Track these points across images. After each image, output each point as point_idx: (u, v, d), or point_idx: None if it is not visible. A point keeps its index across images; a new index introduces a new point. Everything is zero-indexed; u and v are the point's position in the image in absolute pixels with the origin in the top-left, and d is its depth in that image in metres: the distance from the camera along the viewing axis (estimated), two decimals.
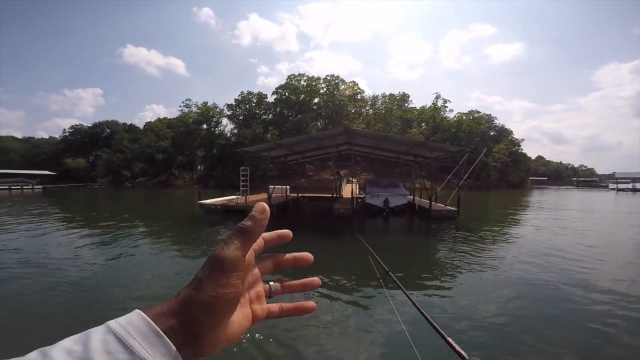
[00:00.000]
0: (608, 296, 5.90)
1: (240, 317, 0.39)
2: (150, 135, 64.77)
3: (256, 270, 0.44)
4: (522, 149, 64.67)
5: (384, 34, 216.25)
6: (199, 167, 61.63)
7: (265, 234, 0.44)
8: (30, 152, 74.36)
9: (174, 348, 0.31)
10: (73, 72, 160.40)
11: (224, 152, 55.37)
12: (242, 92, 66.06)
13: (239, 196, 19.27)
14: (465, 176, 16.94)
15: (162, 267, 7.56)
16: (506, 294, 6.05)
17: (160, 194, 39.59)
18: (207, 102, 65.84)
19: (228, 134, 64.51)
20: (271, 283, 0.45)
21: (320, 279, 0.43)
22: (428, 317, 1.65)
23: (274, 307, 0.44)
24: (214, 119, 65.12)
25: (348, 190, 26.74)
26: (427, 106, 64.33)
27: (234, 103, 65.17)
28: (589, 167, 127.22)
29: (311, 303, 0.45)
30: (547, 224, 15.70)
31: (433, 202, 17.04)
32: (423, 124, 61.48)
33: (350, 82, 65.35)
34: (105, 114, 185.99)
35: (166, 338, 0.31)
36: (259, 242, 0.43)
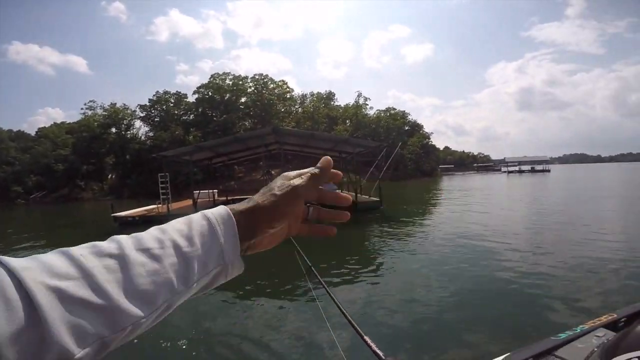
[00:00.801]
0: (515, 270, 6.83)
1: (281, 230, 0.49)
2: (45, 143, 54.58)
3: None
4: (431, 141, 73.50)
5: (314, 33, 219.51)
6: (109, 176, 54.36)
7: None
8: None
9: (239, 239, 0.42)
10: None
11: (138, 158, 49.80)
12: (158, 91, 60.10)
13: (159, 205, 17.71)
14: (385, 168, 18.52)
15: None
16: (427, 280, 6.26)
17: (64, 209, 33.78)
18: (115, 104, 58.07)
19: (142, 137, 58.07)
20: (310, 207, 0.53)
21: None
22: (349, 317, 1.86)
23: (305, 227, 0.54)
24: (125, 122, 57.79)
25: None
26: (351, 104, 68.00)
27: (148, 104, 58.95)
28: (485, 154, 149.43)
29: (334, 228, 0.55)
30: (458, 202, 18.24)
31: (359, 195, 18.20)
32: (347, 121, 64.77)
33: (280, 81, 65.01)
34: None
35: (236, 229, 0.42)
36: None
